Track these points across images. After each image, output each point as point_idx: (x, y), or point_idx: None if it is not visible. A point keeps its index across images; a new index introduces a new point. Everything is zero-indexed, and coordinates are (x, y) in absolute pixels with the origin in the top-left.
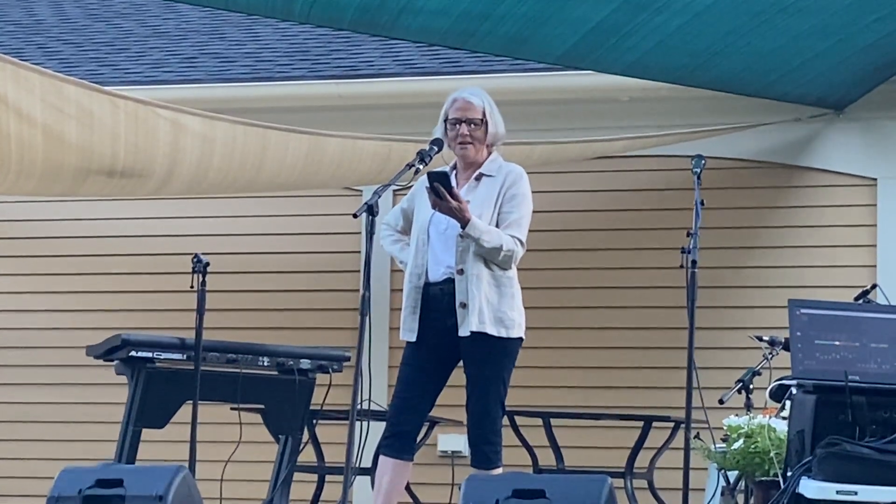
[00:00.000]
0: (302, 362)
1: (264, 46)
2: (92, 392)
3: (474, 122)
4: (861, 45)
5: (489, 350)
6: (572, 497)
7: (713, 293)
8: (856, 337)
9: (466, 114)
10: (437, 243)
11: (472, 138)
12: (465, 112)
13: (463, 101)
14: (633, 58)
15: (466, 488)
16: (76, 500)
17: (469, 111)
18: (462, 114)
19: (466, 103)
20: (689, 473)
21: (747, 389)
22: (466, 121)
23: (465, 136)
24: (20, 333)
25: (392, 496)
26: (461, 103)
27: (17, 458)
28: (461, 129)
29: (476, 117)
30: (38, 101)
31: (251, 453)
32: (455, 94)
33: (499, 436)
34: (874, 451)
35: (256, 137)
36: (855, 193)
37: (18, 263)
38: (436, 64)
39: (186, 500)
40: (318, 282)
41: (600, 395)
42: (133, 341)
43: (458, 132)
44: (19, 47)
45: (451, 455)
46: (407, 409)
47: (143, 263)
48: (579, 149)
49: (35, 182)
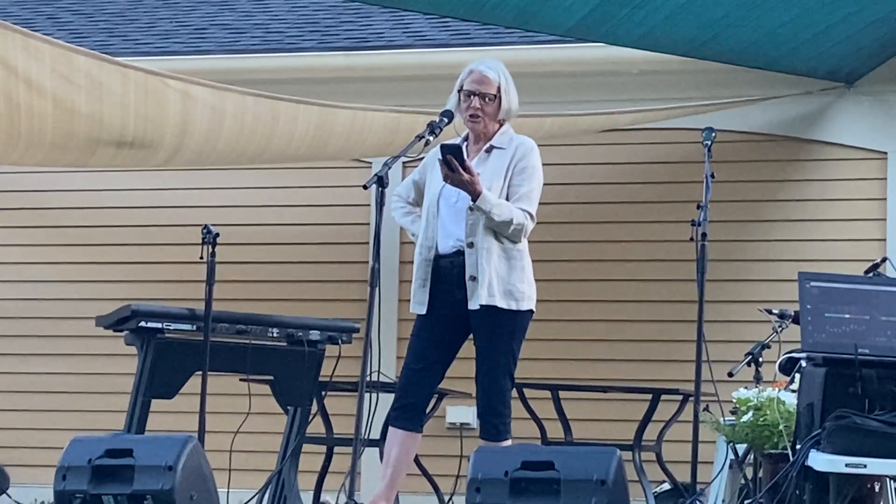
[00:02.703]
0: (311, 333)
1: (274, 18)
2: (102, 363)
3: (488, 97)
4: (871, 19)
5: (499, 323)
6: (581, 469)
7: (723, 266)
8: (866, 310)
9: (481, 87)
10: (447, 216)
11: (483, 112)
12: (480, 85)
13: (479, 73)
14: (643, 30)
15: (475, 460)
16: (86, 469)
17: (484, 85)
18: (476, 87)
19: (482, 76)
20: (697, 446)
21: (757, 362)
22: (480, 94)
23: (476, 108)
24: (30, 304)
25: (401, 468)
26: (477, 76)
27: (27, 428)
28: (473, 102)
29: (490, 92)
30: (48, 71)
31: (260, 424)
32: (473, 65)
33: (508, 408)
34: (884, 424)
35: (266, 109)
36: (865, 167)
37: (28, 234)
38: (446, 36)
39: (196, 470)
40: (327, 253)
41: (609, 367)
42: (143, 312)
43: (471, 104)
44: (30, 17)
45: (460, 427)
46: (417, 382)
47: (152, 234)
48: (589, 121)
49: (45, 152)
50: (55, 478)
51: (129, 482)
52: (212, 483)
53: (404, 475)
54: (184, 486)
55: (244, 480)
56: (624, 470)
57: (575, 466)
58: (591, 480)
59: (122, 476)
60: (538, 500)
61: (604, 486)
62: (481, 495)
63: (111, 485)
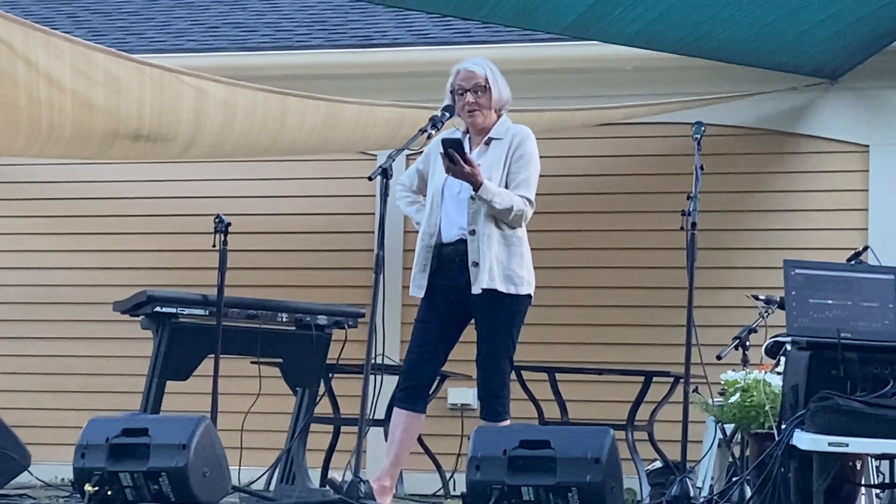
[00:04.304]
0: (319, 318)
1: (284, 16)
2: (119, 346)
3: (479, 90)
4: (855, 18)
5: (499, 306)
6: (576, 448)
7: (712, 254)
8: (848, 296)
9: (469, 82)
10: (450, 205)
11: (479, 105)
12: (469, 81)
13: (465, 71)
14: (636, 28)
15: (475, 439)
16: (104, 448)
17: (472, 79)
18: (466, 83)
19: (469, 73)
20: (687, 426)
21: (744, 346)
22: (471, 89)
23: (471, 103)
24: (51, 290)
25: (405, 446)
26: (464, 73)
27: (47, 409)
28: (467, 98)
29: (479, 84)
30: (67, 67)
31: (270, 405)
32: (457, 66)
33: (507, 389)
34: (865, 405)
35: (276, 103)
36: (848, 159)
37: (49, 223)
38: (447, 34)
39: (208, 448)
40: (334, 242)
41: (603, 351)
42: (158, 297)
43: (465, 101)
44: (50, 16)
45: (461, 408)
46: (420, 364)
47: (167, 223)
48: (585, 116)
49: (64, 145)
50: (74, 456)
51: (145, 460)
52: (224, 461)
53: (408, 453)
54: (197, 463)
55: (255, 458)
56: (617, 448)
57: (570, 445)
58: (586, 458)
59: (138, 454)
60: (535, 477)
61: (598, 464)
62: (481, 472)
63: (128, 462)
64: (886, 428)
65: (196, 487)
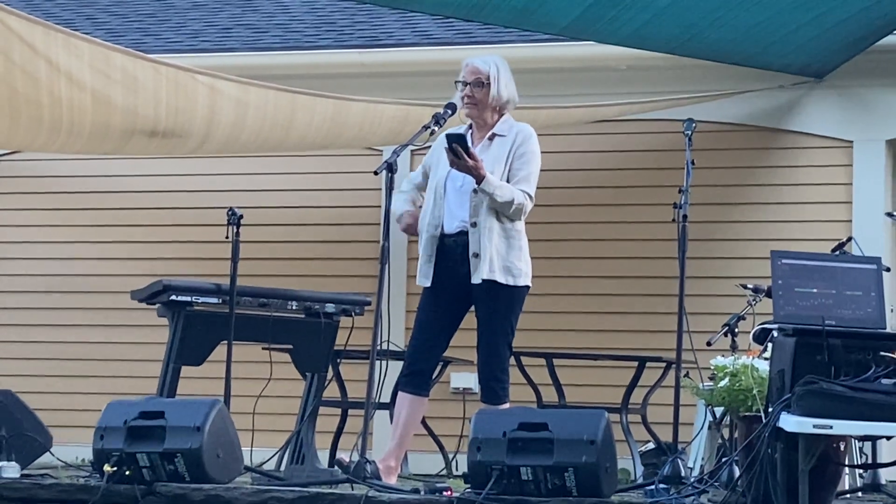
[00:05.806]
0: (327, 306)
1: (294, 18)
2: (136, 332)
3: (477, 84)
4: (839, 19)
5: (498, 296)
6: (572, 430)
7: (702, 245)
8: (832, 285)
9: (471, 76)
10: (452, 198)
11: (475, 99)
12: (471, 75)
13: (471, 65)
14: (630, 30)
15: (476, 421)
16: (122, 430)
17: (474, 74)
18: (468, 76)
19: (472, 67)
20: (678, 409)
21: (733, 333)
22: (472, 83)
23: (467, 96)
24: (71, 279)
25: (409, 429)
26: (469, 68)
27: (68, 393)
28: (466, 91)
29: (479, 79)
30: (87, 67)
31: (280, 389)
32: (468, 59)
33: (506, 374)
34: (848, 389)
35: (286, 101)
36: (832, 154)
37: (69, 216)
38: (450, 34)
39: (221, 430)
40: (341, 233)
41: (599, 337)
42: (174, 286)
43: (464, 93)
44: (70, 18)
45: (463, 392)
46: (423, 350)
47: (182, 216)
48: (581, 113)
49: (84, 141)
50: (94, 437)
51: (161, 441)
52: (236, 442)
53: (412, 435)
54: (211, 445)
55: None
56: (612, 430)
57: (567, 427)
58: (582, 440)
59: (154, 436)
60: (533, 457)
61: (593, 445)
62: (481, 453)
63: (145, 444)
64: (868, 411)
65: (210, 468)
